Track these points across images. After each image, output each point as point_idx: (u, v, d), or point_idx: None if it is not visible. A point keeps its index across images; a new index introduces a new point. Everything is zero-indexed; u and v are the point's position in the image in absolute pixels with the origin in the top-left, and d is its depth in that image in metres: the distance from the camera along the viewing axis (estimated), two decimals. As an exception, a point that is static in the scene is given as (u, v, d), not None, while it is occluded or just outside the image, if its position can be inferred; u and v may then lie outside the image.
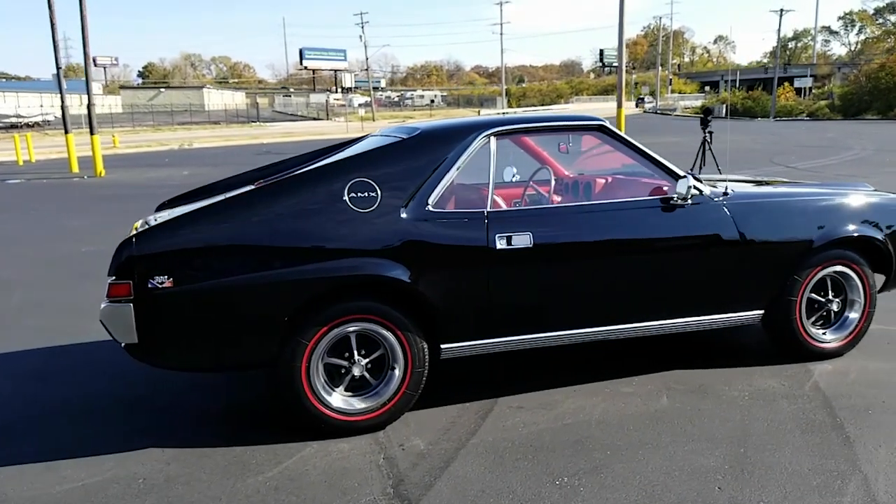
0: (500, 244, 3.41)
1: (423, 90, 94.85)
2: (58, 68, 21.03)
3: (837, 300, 4.14)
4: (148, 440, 3.42)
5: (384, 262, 3.26)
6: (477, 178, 3.70)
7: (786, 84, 54.94)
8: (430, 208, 3.38)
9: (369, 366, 3.41)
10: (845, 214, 4.06)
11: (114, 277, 3.06)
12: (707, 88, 77.79)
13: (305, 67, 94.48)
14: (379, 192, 3.32)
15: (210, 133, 43.68)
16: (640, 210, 3.73)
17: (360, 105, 66.86)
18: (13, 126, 43.92)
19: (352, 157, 3.50)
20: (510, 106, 77.58)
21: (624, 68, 28.68)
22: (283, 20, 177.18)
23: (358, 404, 3.40)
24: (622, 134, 3.85)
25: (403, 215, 3.33)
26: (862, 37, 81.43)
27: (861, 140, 23.35)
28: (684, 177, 3.73)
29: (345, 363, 3.36)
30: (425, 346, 3.44)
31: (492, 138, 3.62)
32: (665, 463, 3.05)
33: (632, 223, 3.69)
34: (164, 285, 3.05)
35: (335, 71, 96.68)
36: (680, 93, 75.32)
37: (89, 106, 20.25)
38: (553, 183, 4.44)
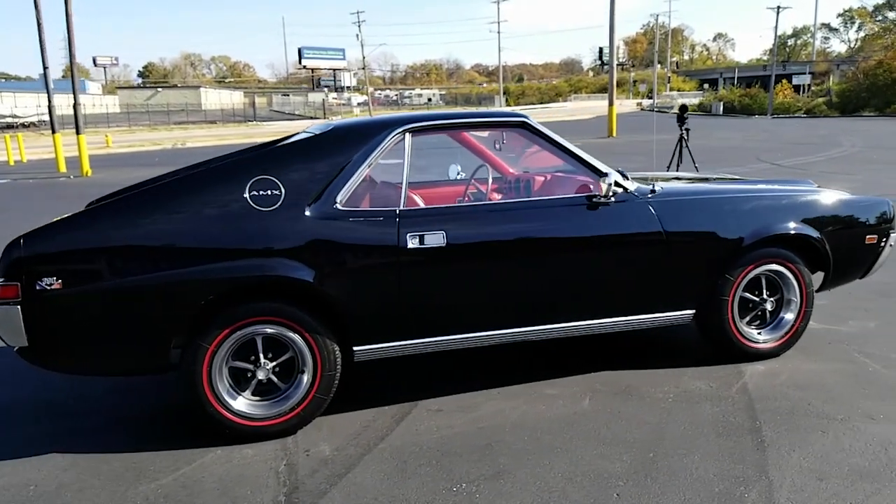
0: (412, 243, 3.32)
1: (422, 89, 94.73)
2: (44, 68, 20.98)
3: (772, 300, 4.05)
4: (52, 446, 3.34)
5: (286, 262, 3.18)
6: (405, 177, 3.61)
7: (783, 81, 54.71)
8: (339, 207, 3.30)
9: (277, 369, 3.33)
10: (780, 212, 3.97)
11: (2, 279, 2.98)
12: (706, 86, 77.57)
13: (304, 67, 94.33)
14: (282, 190, 3.23)
15: (205, 132, 43.62)
16: (561, 208, 3.65)
17: (358, 104, 66.78)
18: (9, 126, 43.88)
19: (256, 155, 3.42)
20: (508, 104, 77.48)
21: (615, 68, 28.61)
22: (282, 19, 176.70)
23: (266, 409, 3.32)
24: (546, 131, 3.76)
25: (308, 214, 3.24)
26: (861, 34, 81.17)
27: (852, 137, 23.22)
28: (606, 174, 3.63)
29: (250, 367, 3.27)
30: (337, 348, 3.36)
31: (407, 135, 3.54)
32: (570, 468, 2.97)
33: (552, 221, 3.60)
34: (52, 287, 2.97)
35: (334, 70, 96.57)
36: (679, 90, 75.12)
37: (75, 106, 20.24)
38: (490, 181, 4.36)
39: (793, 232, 3.91)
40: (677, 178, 4.76)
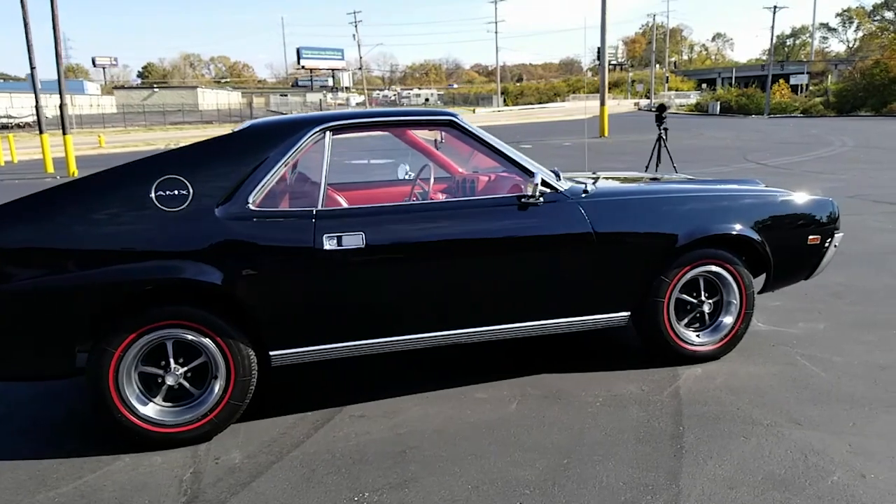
0: (329, 245, 3.24)
1: (420, 89, 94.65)
2: (31, 68, 20.98)
3: (710, 301, 3.96)
4: (-39, 453, 3.25)
5: (193, 264, 3.10)
6: (335, 176, 3.54)
7: (781, 81, 54.56)
8: (251, 207, 3.22)
9: (189, 374, 3.24)
10: (717, 212, 3.88)
11: None
12: (704, 86, 77.44)
13: (303, 67, 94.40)
14: (191, 190, 3.15)
15: (201, 133, 43.48)
16: (488, 209, 3.57)
17: (357, 104, 66.70)
18: (4, 126, 43.84)
19: (166, 154, 3.34)
20: (506, 104, 77.41)
21: (607, 68, 28.49)
22: (281, 20, 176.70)
23: (177, 416, 3.24)
24: (475, 129, 3.68)
25: (217, 214, 3.16)
26: (860, 34, 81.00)
27: (843, 136, 23.12)
28: (533, 174, 3.55)
29: (160, 372, 3.19)
30: (252, 353, 3.28)
31: (327, 133, 3.45)
32: (479, 476, 2.88)
33: (478, 222, 3.52)
34: (-53, 290, 2.89)
35: (333, 70, 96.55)
36: (677, 90, 75.01)
37: (61, 107, 20.20)
38: (432, 181, 4.29)
39: (730, 232, 3.83)
40: (623, 179, 4.66)
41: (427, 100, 79.57)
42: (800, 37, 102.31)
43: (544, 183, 3.63)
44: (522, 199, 3.56)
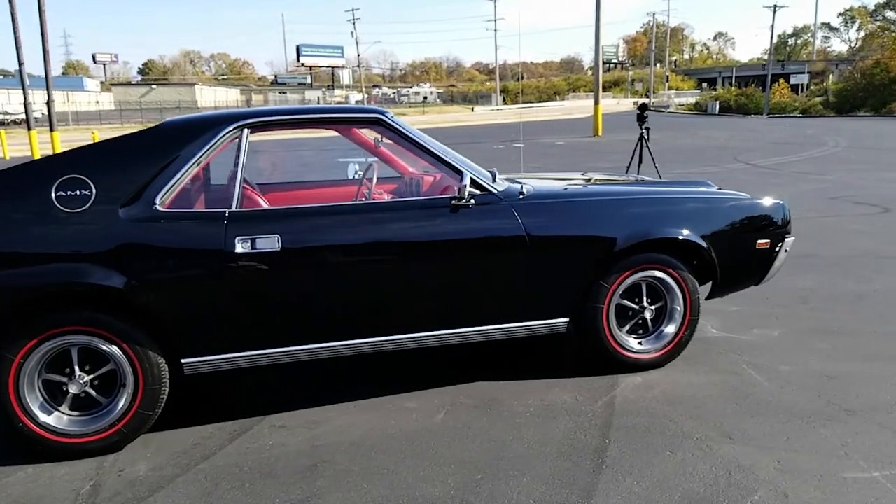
0: (241, 247, 3.10)
1: (418, 87, 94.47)
2: (20, 64, 20.80)
3: (653, 308, 3.82)
4: None
5: (94, 267, 2.96)
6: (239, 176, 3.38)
7: (780, 80, 54.28)
8: (158, 208, 3.08)
9: (96, 382, 3.10)
10: (660, 215, 3.74)
11: None
12: (704, 85, 77.19)
13: (303, 64, 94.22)
14: (93, 189, 3.01)
15: (196, 130, 43.37)
16: (416, 210, 3.43)
17: (356, 102, 66.54)
18: (0, 123, 43.73)
19: (71, 152, 3.20)
20: (505, 103, 77.22)
21: (601, 68, 28.39)
22: (282, 17, 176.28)
23: (84, 425, 3.11)
24: (405, 128, 3.53)
25: (121, 215, 3.02)
26: (862, 33, 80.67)
27: (838, 137, 22.94)
28: (461, 175, 3.41)
29: (64, 380, 3.05)
30: (162, 360, 3.14)
31: (244, 131, 3.32)
32: (387, 492, 2.75)
33: (405, 224, 3.38)
34: None
35: (332, 68, 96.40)
36: (677, 89, 74.76)
37: (48, 103, 20.07)
38: (375, 181, 4.15)
39: (672, 236, 3.69)
40: (568, 179, 4.52)
41: (425, 98, 79.39)
42: (801, 36, 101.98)
43: (476, 184, 3.48)
44: (453, 201, 3.42)
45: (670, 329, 3.86)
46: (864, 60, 49.37)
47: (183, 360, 3.19)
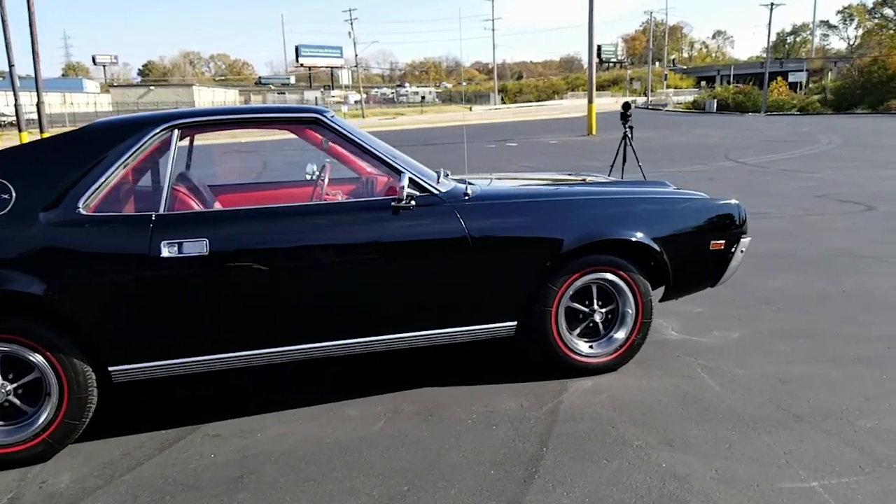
0: (167, 252, 3.01)
1: (417, 87, 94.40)
2: (10, 66, 20.74)
3: (603, 311, 3.72)
4: None
5: (15, 273, 2.88)
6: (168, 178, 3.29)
7: (779, 79, 54.11)
8: (81, 212, 2.99)
9: (20, 391, 3.02)
10: (609, 216, 3.65)
11: None
12: (703, 83, 77.00)
13: (301, 65, 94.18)
14: (13, 193, 2.93)
15: (192, 131, 43.33)
16: (354, 212, 3.34)
17: (355, 101, 66.47)
18: (-3, 124, 43.70)
19: (-6, 156, 3.11)
20: (504, 102, 77.12)
21: (594, 67, 28.25)
22: (281, 17, 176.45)
23: (9, 435, 3.03)
24: (345, 128, 3.44)
25: (42, 220, 2.93)
26: (860, 31, 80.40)
27: (831, 134, 22.83)
28: (401, 176, 3.33)
29: (-14, 389, 2.97)
30: (88, 369, 3.05)
31: (174, 132, 3.22)
32: (309, 505, 2.65)
33: (341, 227, 3.29)
34: None
35: (332, 68, 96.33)
36: (676, 88, 74.61)
37: (38, 104, 20.03)
38: (326, 181, 4.06)
39: (621, 237, 3.59)
40: (520, 179, 4.42)
41: (423, 98, 79.30)
42: (800, 34, 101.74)
43: (418, 185, 3.39)
44: (393, 203, 3.33)
45: (622, 332, 3.77)
46: (862, 58, 49.18)
47: (111, 368, 3.10)
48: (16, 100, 21.18)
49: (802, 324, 4.46)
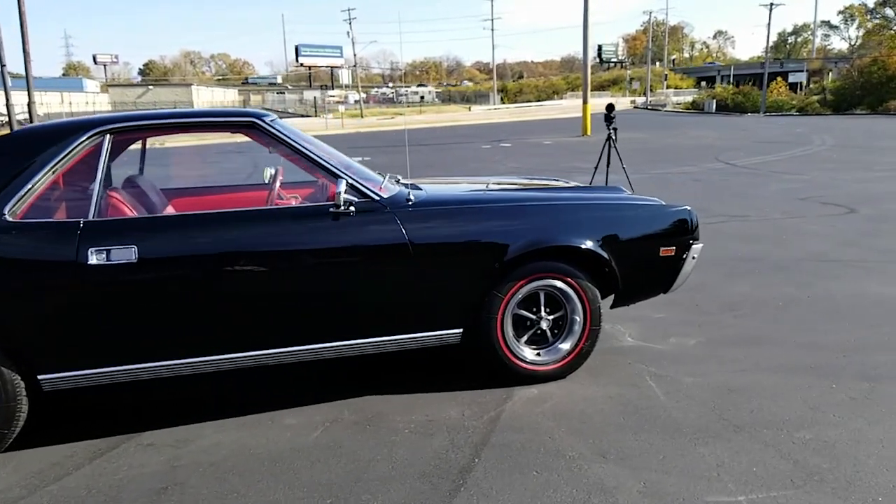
0: (95, 259, 2.97)
1: (417, 86, 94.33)
2: (2, 65, 20.68)
3: (550, 318, 3.67)
4: None
5: (-66, 282, 2.82)
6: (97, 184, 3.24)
7: (778, 79, 54.00)
8: (8, 218, 2.94)
9: (-53, 400, 2.97)
10: (555, 222, 3.60)
11: None
12: (703, 83, 76.85)
13: (301, 64, 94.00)
14: (-62, 200, 2.88)
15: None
16: (288, 219, 3.29)
17: (355, 101, 66.37)
18: (-6, 125, 43.61)
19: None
20: (503, 102, 77.03)
21: (588, 66, 28.16)
22: (282, 17, 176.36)
23: (-66, 443, 2.96)
24: (283, 133, 3.39)
25: (-35, 227, 2.89)
26: (861, 31, 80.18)
27: (826, 135, 22.75)
28: (338, 181, 3.28)
29: None
30: (17, 377, 3.01)
31: (105, 138, 3.18)
32: (227, 518, 2.60)
33: (275, 233, 3.24)
34: None
35: (332, 68, 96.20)
36: (676, 88, 74.45)
37: (29, 104, 19.96)
38: (278, 185, 4.01)
39: (567, 244, 3.54)
40: (476, 184, 4.37)
41: (422, 98, 79.23)
42: (801, 34, 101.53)
43: (358, 191, 3.34)
44: (331, 209, 3.28)
45: (570, 340, 3.72)
46: (862, 58, 49.04)
47: (40, 377, 3.06)
48: (7, 100, 21.13)
49: (762, 330, 4.40)
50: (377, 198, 3.39)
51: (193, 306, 3.15)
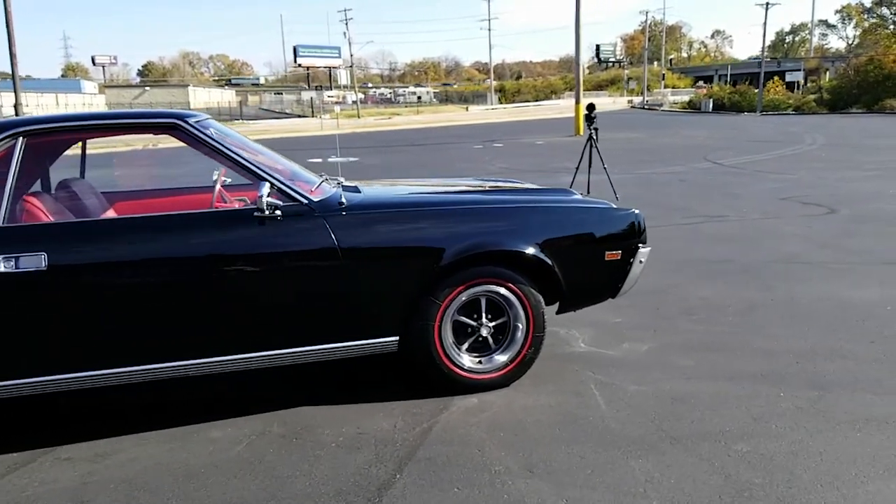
0: (3, 266, 2.85)
1: (415, 86, 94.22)
2: (-11, 68, 20.52)
3: (491, 325, 3.55)
4: None
5: None
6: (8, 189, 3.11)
7: (775, 78, 53.84)
8: (-87, 225, 2.82)
9: None
10: (494, 226, 3.48)
11: None
12: (700, 83, 76.72)
13: (299, 65, 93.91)
14: None
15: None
16: (209, 223, 3.18)
17: (353, 102, 66.24)
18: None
19: None
20: (501, 102, 76.93)
21: (581, 66, 28.06)
22: (280, 18, 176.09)
23: None
24: (206, 134, 3.27)
25: None
26: (858, 31, 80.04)
27: (818, 134, 22.64)
28: (261, 183, 3.15)
29: None
30: (-78, 389, 2.88)
31: (18, 140, 3.06)
32: (127, 538, 2.48)
33: (195, 238, 3.12)
34: None
35: (330, 68, 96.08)
36: (673, 87, 74.34)
37: (16, 106, 19.85)
38: (218, 187, 3.89)
39: (506, 248, 3.42)
40: (425, 186, 4.24)
41: (419, 98, 79.13)
42: (799, 34, 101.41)
43: (285, 194, 3.22)
44: (255, 213, 3.16)
45: (512, 347, 3.59)
46: (859, 57, 48.91)
47: (-53, 389, 2.93)
48: (-5, 101, 21.04)
49: (717, 336, 4.28)
50: (306, 201, 3.27)
51: (108, 315, 3.03)
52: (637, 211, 3.78)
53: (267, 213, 3.15)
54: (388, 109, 66.06)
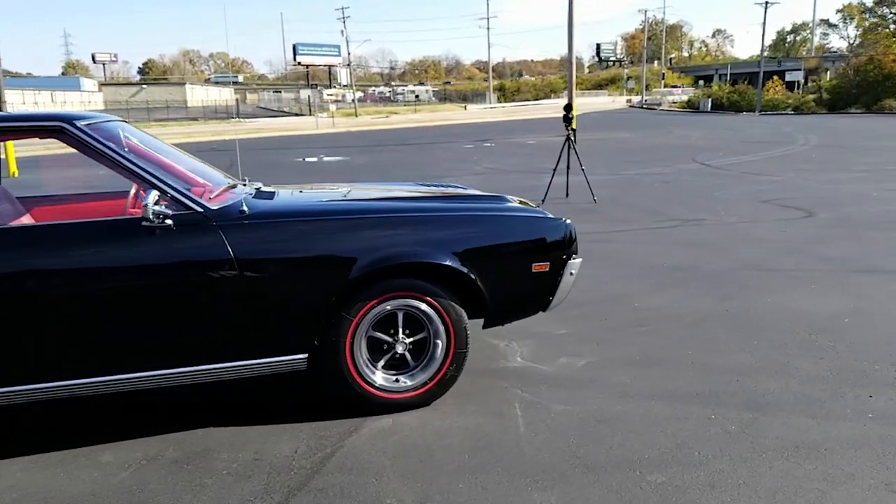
0: None
1: (415, 85, 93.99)
2: (-25, 66, 20.34)
3: (408, 341, 3.33)
4: None
5: None
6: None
7: (775, 78, 53.56)
8: None
9: None
10: (408, 236, 3.27)
11: None
12: (700, 82, 76.40)
13: (299, 63, 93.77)
14: None
15: (182, 129, 42.97)
16: (89, 234, 2.96)
17: (351, 100, 66.04)
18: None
19: None
20: (500, 101, 76.68)
21: (574, 66, 27.75)
22: (280, 16, 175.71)
23: None
24: (95, 139, 3.05)
25: None
26: (860, 30, 79.57)
27: (812, 134, 22.41)
28: (151, 191, 2.93)
29: None
30: None
31: None
32: (-30, 580, 2.25)
33: (77, 250, 2.91)
34: None
35: (329, 66, 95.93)
36: (673, 86, 74.06)
37: (-1, 104, 19.61)
38: (132, 192, 3.67)
39: (423, 260, 3.20)
40: (351, 191, 4.01)
41: (417, 97, 78.88)
42: (800, 33, 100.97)
43: (178, 202, 3.00)
44: (144, 222, 2.94)
45: (432, 365, 3.37)
46: (858, 57, 48.58)
47: None
48: (-20, 99, 20.81)
49: (661, 350, 4.06)
50: (200, 209, 3.04)
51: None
52: (568, 221, 3.56)
53: (155, 221, 2.92)
54: (387, 108, 65.86)
